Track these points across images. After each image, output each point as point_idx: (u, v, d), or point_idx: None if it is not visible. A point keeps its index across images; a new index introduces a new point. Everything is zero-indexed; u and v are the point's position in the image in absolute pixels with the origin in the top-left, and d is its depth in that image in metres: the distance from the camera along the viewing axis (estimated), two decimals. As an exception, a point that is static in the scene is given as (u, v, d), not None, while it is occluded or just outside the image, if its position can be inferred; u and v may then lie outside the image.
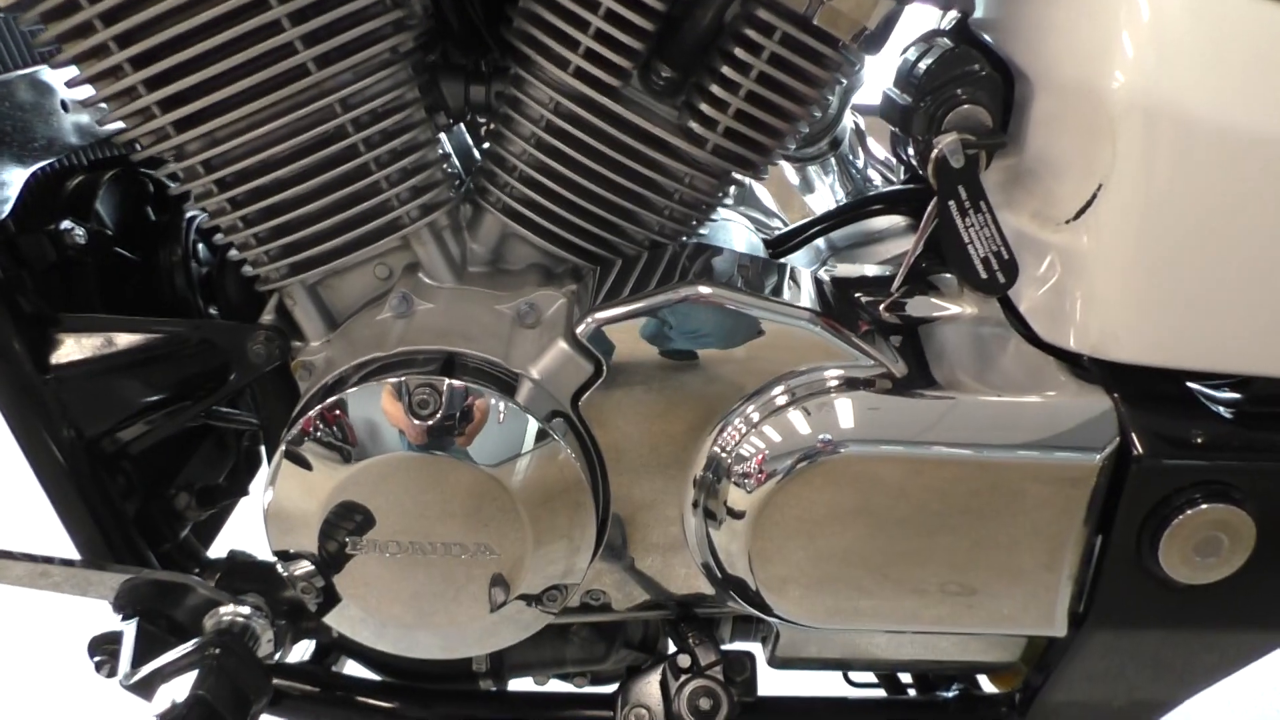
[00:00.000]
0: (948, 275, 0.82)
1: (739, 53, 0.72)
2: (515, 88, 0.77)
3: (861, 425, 0.71)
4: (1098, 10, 0.68)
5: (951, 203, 0.68)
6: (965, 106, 0.72)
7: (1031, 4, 0.74)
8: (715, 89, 0.73)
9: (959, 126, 0.71)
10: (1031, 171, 0.74)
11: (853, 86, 0.97)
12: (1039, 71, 0.73)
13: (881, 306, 0.78)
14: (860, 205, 0.95)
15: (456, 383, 0.68)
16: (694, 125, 0.74)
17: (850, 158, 1.15)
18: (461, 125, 0.96)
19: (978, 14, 0.81)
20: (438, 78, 0.83)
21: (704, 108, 0.74)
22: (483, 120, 0.92)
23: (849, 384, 0.72)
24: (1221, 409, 0.74)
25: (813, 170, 1.10)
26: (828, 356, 0.72)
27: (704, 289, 0.71)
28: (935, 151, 0.69)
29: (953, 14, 0.82)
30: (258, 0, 0.67)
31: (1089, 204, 0.69)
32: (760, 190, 1.15)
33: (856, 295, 0.81)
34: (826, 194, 1.16)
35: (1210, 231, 0.67)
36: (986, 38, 0.79)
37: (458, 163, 0.90)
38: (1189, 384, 0.74)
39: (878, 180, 1.16)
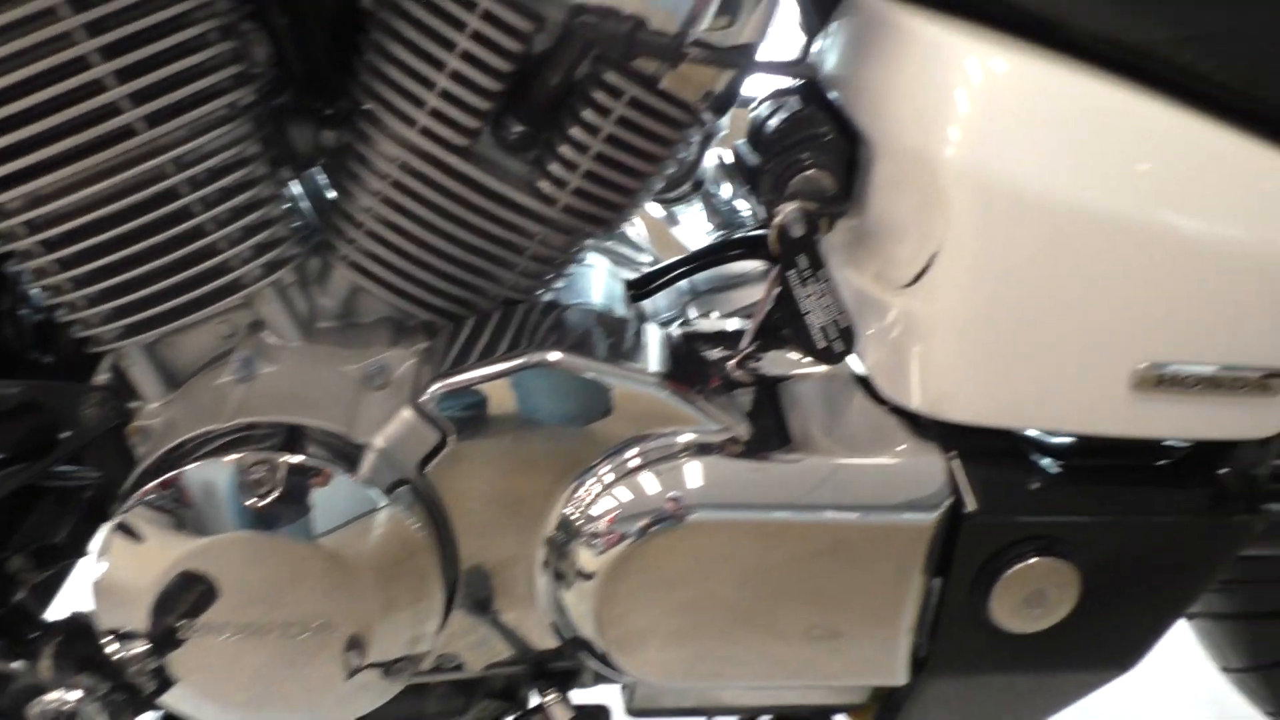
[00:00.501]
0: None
1: (588, 115, 0.72)
2: (361, 143, 0.75)
3: (709, 489, 0.72)
4: (933, 78, 0.70)
5: (792, 272, 0.69)
6: (810, 171, 0.73)
7: (873, 66, 0.76)
8: (564, 150, 0.73)
9: (803, 191, 0.73)
10: (873, 234, 0.76)
11: (712, 132, 0.98)
12: (879, 135, 0.74)
13: (732, 364, 0.79)
14: (720, 250, 0.96)
15: (294, 459, 0.66)
16: (544, 185, 0.74)
17: (716, 191, 1.16)
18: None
19: (828, 69, 0.82)
20: (285, 123, 0.81)
21: (554, 168, 0.73)
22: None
23: (699, 448, 0.73)
24: (1051, 463, 0.77)
25: (679, 207, 1.10)
26: (677, 421, 0.73)
27: (551, 355, 0.71)
28: (777, 220, 0.70)
29: (803, 70, 0.84)
30: (78, 58, 0.64)
31: (925, 270, 0.71)
32: (627, 224, 1.15)
33: (709, 351, 0.82)
34: (695, 227, 1.17)
35: (1037, 300, 0.70)
36: (834, 96, 0.80)
37: (310, 205, 0.88)
38: (1024, 436, 0.77)
39: (746, 210, 1.18)
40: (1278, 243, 0.68)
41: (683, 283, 1.00)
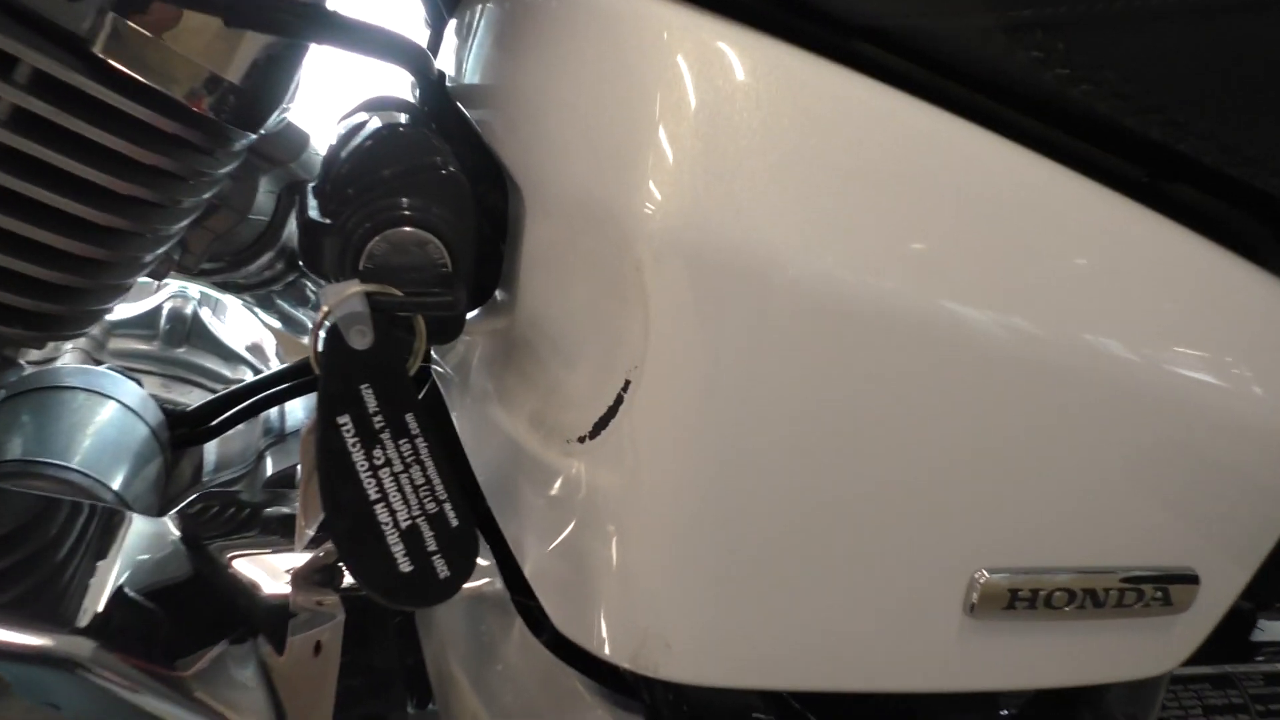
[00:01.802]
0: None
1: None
2: None
3: None
4: (623, 79, 0.39)
5: (346, 420, 0.35)
6: (406, 230, 0.40)
7: (525, 62, 0.44)
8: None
9: (390, 263, 0.39)
10: (529, 345, 0.43)
11: (301, 178, 0.63)
12: (534, 177, 0.42)
13: (293, 589, 0.43)
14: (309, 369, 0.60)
15: None
16: None
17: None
18: None
19: (456, 71, 0.50)
20: None
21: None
22: None
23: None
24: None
25: (285, 300, 0.74)
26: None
27: None
28: (321, 317, 0.35)
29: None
30: None
31: (612, 414, 0.39)
32: (216, 320, 0.78)
33: (261, 559, 0.46)
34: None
35: (805, 464, 0.39)
36: (471, 115, 0.48)
37: None
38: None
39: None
40: (1193, 356, 0.41)
41: (271, 413, 0.64)
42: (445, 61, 0.52)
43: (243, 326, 0.83)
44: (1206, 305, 0.43)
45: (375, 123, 0.43)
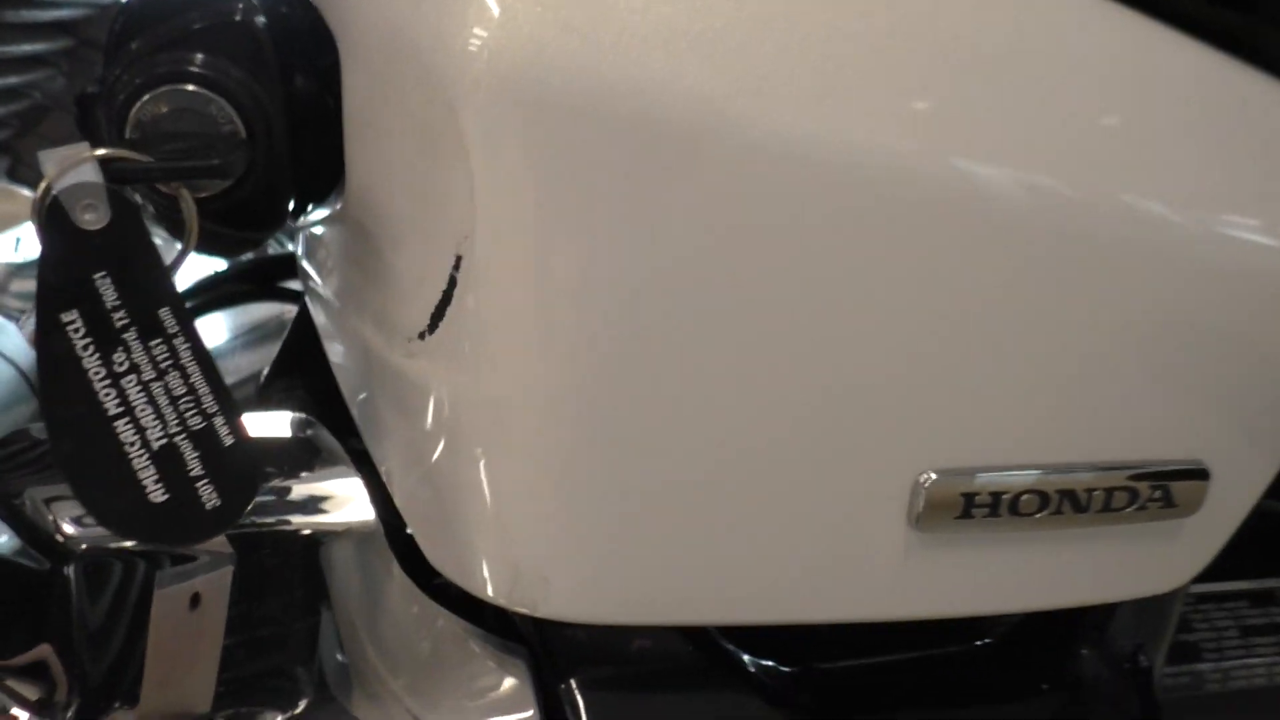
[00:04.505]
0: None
1: None
2: None
3: None
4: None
5: (73, 316, 0.27)
6: (188, 89, 0.32)
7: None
8: None
9: (161, 130, 0.32)
10: (362, 229, 0.36)
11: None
12: (349, 22, 0.35)
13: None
14: (210, 285, 0.53)
15: None
16: None
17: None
18: None
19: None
20: None
21: None
22: None
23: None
24: (774, 667, 0.38)
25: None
26: None
27: None
28: (41, 190, 0.28)
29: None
30: None
31: (447, 299, 0.31)
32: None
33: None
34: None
35: (697, 347, 0.31)
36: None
37: None
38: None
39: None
40: (1191, 193, 0.32)
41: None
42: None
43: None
44: (1217, 129, 0.34)
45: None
